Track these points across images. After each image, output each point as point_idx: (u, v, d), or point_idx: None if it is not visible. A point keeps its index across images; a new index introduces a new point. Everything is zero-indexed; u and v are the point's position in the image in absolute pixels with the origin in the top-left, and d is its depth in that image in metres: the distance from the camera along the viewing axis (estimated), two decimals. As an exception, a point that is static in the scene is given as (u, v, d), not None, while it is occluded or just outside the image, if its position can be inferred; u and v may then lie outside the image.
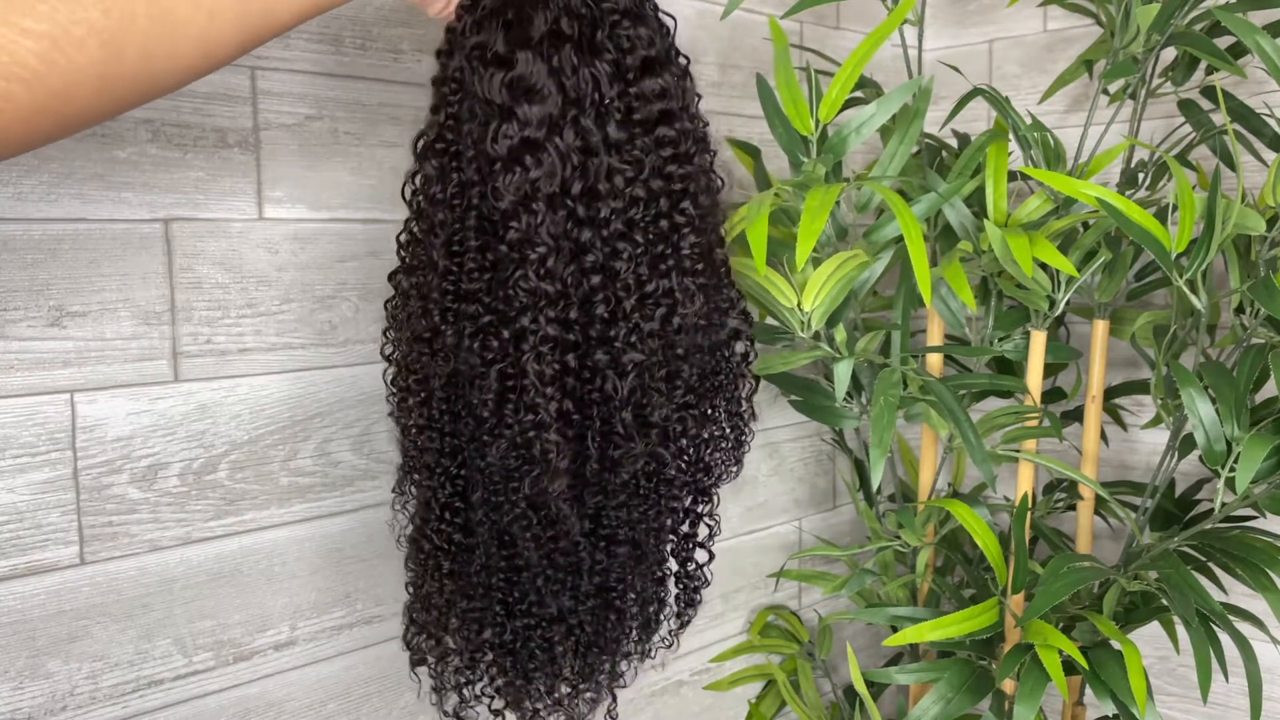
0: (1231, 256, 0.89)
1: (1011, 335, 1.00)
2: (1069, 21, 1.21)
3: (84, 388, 0.72)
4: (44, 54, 0.41)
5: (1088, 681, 0.87)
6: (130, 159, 0.73)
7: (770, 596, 1.23)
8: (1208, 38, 0.86)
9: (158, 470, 0.75)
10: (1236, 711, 1.15)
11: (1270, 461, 0.82)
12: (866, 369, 0.97)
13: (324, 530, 0.84)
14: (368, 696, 0.88)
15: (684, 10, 1.08)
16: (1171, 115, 1.11)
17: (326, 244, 0.83)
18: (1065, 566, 0.86)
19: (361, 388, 0.86)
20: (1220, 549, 0.88)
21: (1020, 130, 0.91)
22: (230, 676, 0.80)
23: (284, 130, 0.80)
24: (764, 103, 0.90)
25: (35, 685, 0.71)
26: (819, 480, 1.29)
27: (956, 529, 1.05)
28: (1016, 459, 0.97)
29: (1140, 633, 1.12)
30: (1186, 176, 0.82)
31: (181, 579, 0.77)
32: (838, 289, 0.86)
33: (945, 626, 0.88)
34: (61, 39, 0.42)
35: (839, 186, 0.81)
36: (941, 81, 1.31)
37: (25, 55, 0.41)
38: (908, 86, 0.86)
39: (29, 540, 0.70)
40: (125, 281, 0.73)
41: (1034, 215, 0.92)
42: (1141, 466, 1.19)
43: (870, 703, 0.94)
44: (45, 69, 0.41)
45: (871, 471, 0.83)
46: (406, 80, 0.86)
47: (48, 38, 0.41)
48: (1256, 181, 1.08)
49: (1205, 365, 0.86)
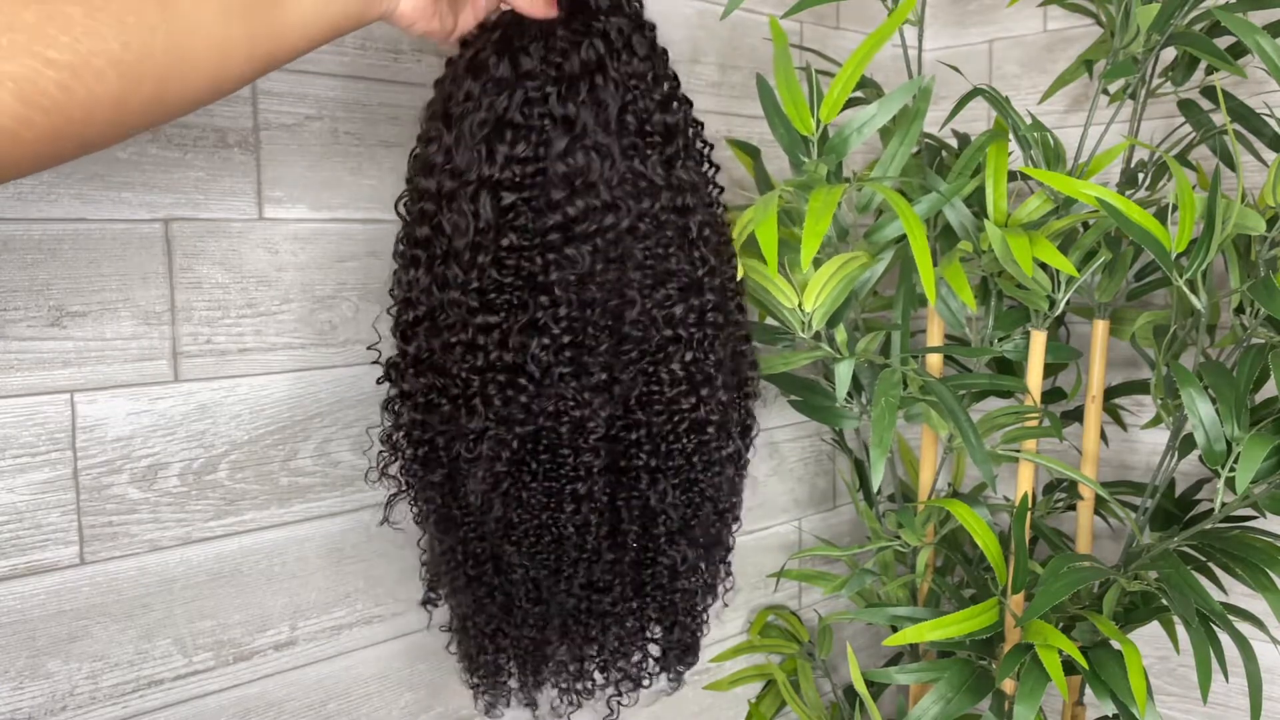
0: (1231, 256, 0.89)
1: (1011, 335, 1.00)
2: (1069, 21, 1.21)
3: (84, 388, 0.72)
4: (64, 83, 0.43)
5: (1088, 681, 0.87)
6: (130, 159, 0.73)
7: (770, 596, 1.23)
8: (1208, 38, 0.86)
9: (158, 470, 0.75)
10: (1236, 711, 1.15)
11: (1270, 461, 0.82)
12: (867, 369, 0.97)
13: (324, 530, 0.84)
14: (368, 696, 0.88)
15: (684, 10, 1.09)
16: (1171, 115, 1.11)
17: (326, 244, 0.83)
18: (1065, 566, 0.86)
19: (361, 388, 0.86)
20: (1220, 549, 0.88)
21: (1020, 130, 0.91)
22: (230, 676, 0.80)
23: (284, 130, 0.80)
24: (764, 103, 0.90)
25: (35, 685, 0.71)
26: (819, 480, 1.29)
27: (956, 529, 1.05)
28: (1016, 459, 0.97)
29: (1140, 633, 1.12)
30: (1186, 176, 0.82)
31: (181, 579, 0.77)
32: (839, 289, 0.86)
33: (945, 626, 0.88)
34: (82, 69, 0.44)
35: (842, 187, 0.81)
36: (941, 81, 1.31)
37: (47, 84, 0.42)
38: (908, 87, 0.86)
39: (29, 540, 0.70)
40: (125, 281, 0.73)
41: (1034, 215, 0.92)
42: (1141, 466, 1.19)
43: (870, 703, 0.94)
44: (65, 98, 0.43)
45: (872, 471, 0.83)
46: (407, 80, 0.86)
47: (69, 68, 0.43)
48: (1256, 181, 1.08)
49: (1205, 365, 0.86)
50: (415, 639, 0.91)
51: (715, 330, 0.71)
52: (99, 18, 0.44)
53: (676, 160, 0.68)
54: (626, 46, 0.66)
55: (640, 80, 0.66)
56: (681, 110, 0.69)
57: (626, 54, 0.66)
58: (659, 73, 0.68)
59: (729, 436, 0.74)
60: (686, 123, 0.70)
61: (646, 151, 0.67)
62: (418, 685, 0.91)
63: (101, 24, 0.44)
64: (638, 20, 0.68)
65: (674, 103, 0.69)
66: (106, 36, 0.44)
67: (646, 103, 0.67)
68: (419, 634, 0.91)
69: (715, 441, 0.72)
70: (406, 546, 0.89)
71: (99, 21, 0.44)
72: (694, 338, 0.70)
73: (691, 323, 0.69)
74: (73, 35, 0.43)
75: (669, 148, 0.68)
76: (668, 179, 0.68)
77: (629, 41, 0.66)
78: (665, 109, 0.68)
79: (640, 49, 0.67)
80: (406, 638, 0.90)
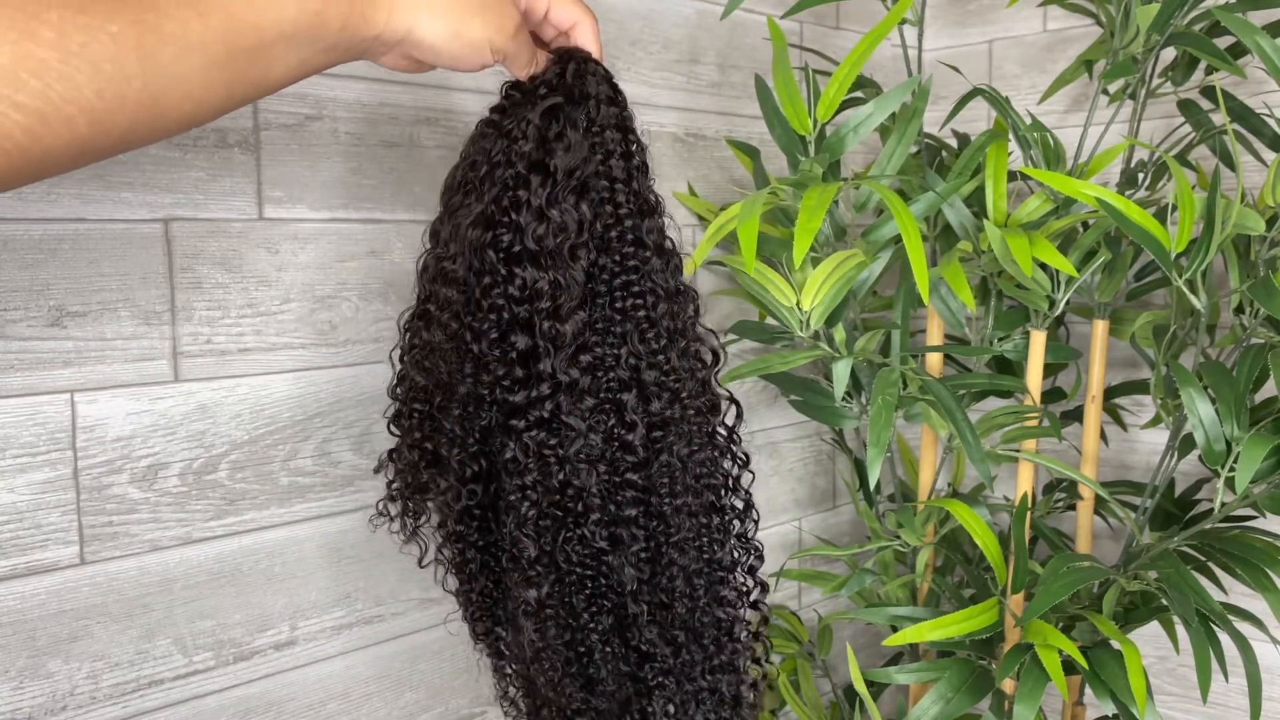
0: (1231, 256, 0.89)
1: (1011, 335, 1.00)
2: (1069, 21, 1.21)
3: (84, 388, 0.72)
4: (31, 129, 0.41)
5: (1088, 681, 0.87)
6: (130, 159, 0.73)
7: (770, 596, 1.23)
8: (1208, 38, 0.86)
9: (158, 470, 0.75)
10: (1236, 711, 1.15)
11: (1270, 461, 0.82)
12: (866, 369, 0.97)
13: (324, 530, 0.84)
14: (368, 696, 0.88)
15: (684, 10, 1.09)
16: (1171, 115, 1.11)
17: (326, 244, 0.83)
18: (1065, 566, 0.86)
19: (361, 387, 0.86)
20: (1220, 549, 0.88)
21: (1020, 130, 0.91)
22: (230, 676, 0.80)
23: (284, 130, 0.80)
24: (762, 103, 0.90)
25: (35, 685, 0.71)
26: (819, 480, 1.29)
27: (956, 529, 1.05)
28: (1016, 459, 0.97)
29: (1140, 633, 1.12)
30: (1186, 176, 0.82)
31: (182, 579, 0.77)
32: (837, 288, 0.86)
33: (945, 626, 0.88)
34: (51, 116, 0.42)
35: (836, 185, 0.81)
36: (941, 81, 1.31)
37: (12, 127, 0.41)
38: (905, 86, 0.86)
39: (29, 540, 0.70)
40: (125, 281, 0.73)
41: (1034, 215, 0.92)
42: (1141, 466, 1.19)
43: (870, 703, 0.94)
44: (29, 142, 0.41)
45: (869, 471, 0.83)
46: (407, 80, 0.86)
47: (37, 114, 0.41)
48: (1256, 181, 1.08)
49: (1205, 365, 0.86)
50: (415, 639, 0.91)
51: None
52: (74, 63, 0.41)
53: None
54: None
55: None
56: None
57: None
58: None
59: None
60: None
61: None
62: (418, 685, 0.91)
63: (76, 70, 0.42)
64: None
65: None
66: (81, 84, 0.42)
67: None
68: (419, 634, 0.91)
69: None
70: (406, 547, 0.89)
71: (73, 68, 0.41)
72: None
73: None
74: (44, 81, 0.41)
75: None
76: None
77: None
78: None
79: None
80: (406, 638, 0.90)
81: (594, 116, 0.65)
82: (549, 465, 0.66)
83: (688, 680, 0.73)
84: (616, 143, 0.66)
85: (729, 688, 0.75)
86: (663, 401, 0.67)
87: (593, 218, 0.65)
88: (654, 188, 0.69)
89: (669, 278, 0.68)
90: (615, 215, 0.66)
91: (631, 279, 0.66)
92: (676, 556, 0.70)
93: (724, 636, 0.74)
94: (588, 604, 0.69)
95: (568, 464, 0.66)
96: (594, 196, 0.65)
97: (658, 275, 0.67)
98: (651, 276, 0.67)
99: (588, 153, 0.64)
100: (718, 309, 1.14)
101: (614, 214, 0.65)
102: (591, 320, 0.66)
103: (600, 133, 0.65)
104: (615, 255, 0.66)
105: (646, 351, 0.67)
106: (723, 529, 0.73)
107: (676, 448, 0.68)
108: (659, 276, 0.67)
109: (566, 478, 0.66)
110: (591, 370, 0.65)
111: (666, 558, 0.70)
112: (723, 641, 0.74)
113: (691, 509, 0.70)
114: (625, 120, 0.67)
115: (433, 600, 0.91)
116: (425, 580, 0.90)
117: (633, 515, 0.68)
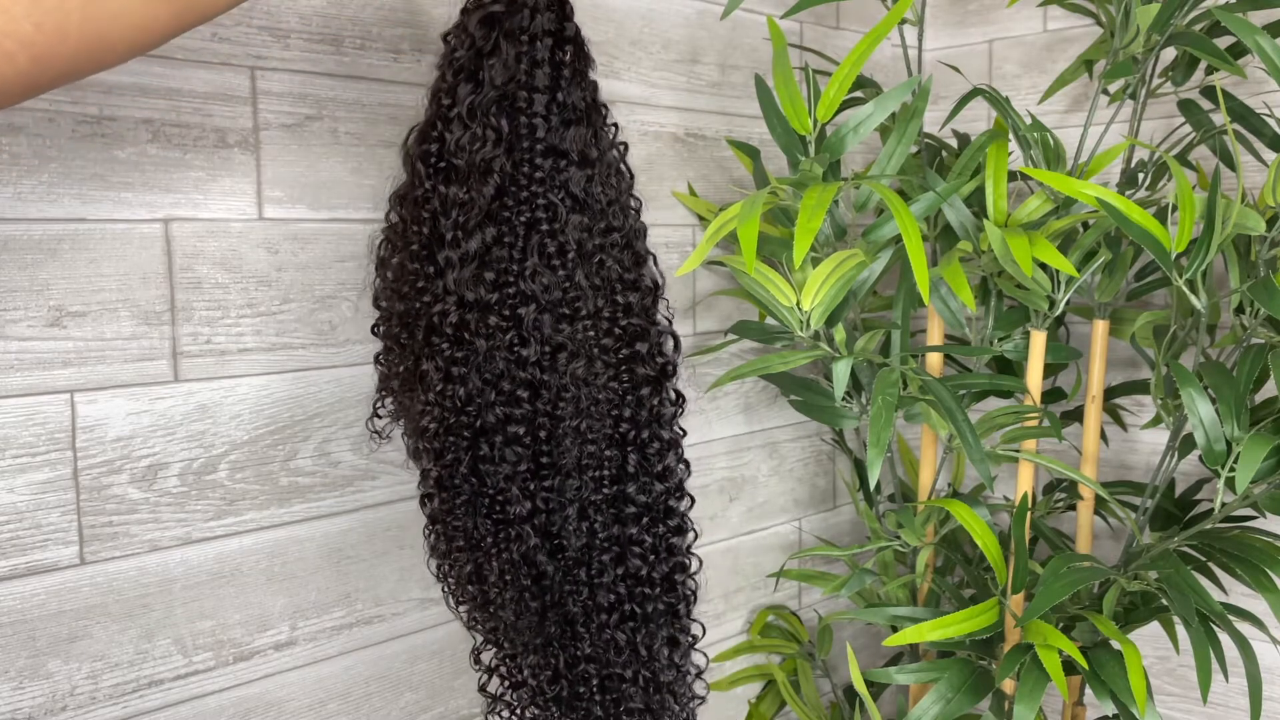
0: (1231, 256, 0.89)
1: (1011, 335, 1.00)
2: (1069, 21, 1.21)
3: (84, 388, 0.72)
4: None
5: (1088, 681, 0.87)
6: (130, 159, 0.73)
7: (770, 596, 1.23)
8: (1208, 38, 0.86)
9: (158, 470, 0.75)
10: (1236, 711, 1.15)
11: (1270, 461, 0.82)
12: (866, 369, 0.97)
13: (324, 530, 0.84)
14: (368, 696, 0.88)
15: (684, 10, 1.09)
16: (1171, 115, 1.11)
17: (326, 244, 0.83)
18: (1065, 566, 0.86)
19: (361, 388, 0.86)
20: (1220, 549, 0.88)
21: (1020, 130, 0.91)
22: (230, 676, 0.80)
23: (284, 130, 0.80)
24: (762, 103, 0.90)
25: (35, 685, 0.71)
26: (819, 480, 1.29)
27: (956, 529, 1.05)
28: (1016, 459, 0.97)
29: (1140, 633, 1.12)
30: (1186, 176, 0.82)
31: (181, 579, 0.77)
32: (837, 288, 0.86)
33: (945, 626, 0.88)
34: None
35: (836, 185, 0.81)
36: (941, 81, 1.31)
37: None
38: (905, 85, 0.86)
39: (29, 540, 0.70)
40: (125, 281, 0.73)
41: (1034, 215, 0.92)
42: (1141, 466, 1.19)
43: (870, 703, 0.94)
44: None
45: (869, 471, 0.83)
46: (407, 80, 0.86)
47: None
48: (1256, 181, 1.08)
49: (1205, 365, 0.86)
50: (415, 639, 0.91)
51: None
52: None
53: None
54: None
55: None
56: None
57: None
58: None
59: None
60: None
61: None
62: (418, 685, 0.91)
63: (13, 2, 0.40)
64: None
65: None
66: (18, 16, 0.41)
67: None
68: (419, 634, 0.91)
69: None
70: (407, 547, 0.89)
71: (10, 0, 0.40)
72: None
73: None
74: None
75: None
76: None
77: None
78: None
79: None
80: (406, 638, 0.90)
81: (525, 25, 0.64)
82: (452, 381, 0.65)
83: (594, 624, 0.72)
84: (545, 49, 0.64)
85: (645, 641, 0.72)
86: (564, 321, 0.66)
87: (509, 129, 0.64)
88: (597, 94, 0.67)
89: (591, 188, 0.66)
90: (529, 125, 0.64)
91: (536, 191, 0.65)
92: (565, 484, 0.68)
93: (630, 579, 0.71)
94: (494, 528, 0.69)
95: (469, 381, 0.65)
96: (513, 106, 0.64)
97: (574, 185, 0.65)
98: (568, 187, 0.65)
99: (513, 62, 0.64)
100: (718, 309, 1.14)
101: (528, 124, 0.64)
102: (499, 236, 0.65)
103: (530, 41, 0.64)
104: (524, 166, 0.65)
105: (545, 267, 0.65)
106: (641, 464, 0.70)
107: (575, 369, 0.67)
108: (576, 187, 0.65)
109: (469, 394, 0.66)
110: (499, 287, 0.64)
111: (553, 484, 0.68)
112: (631, 586, 0.72)
113: (587, 436, 0.68)
114: (562, 28, 0.65)
115: (433, 600, 0.91)
116: (425, 580, 0.90)
117: (516, 433, 0.66)
